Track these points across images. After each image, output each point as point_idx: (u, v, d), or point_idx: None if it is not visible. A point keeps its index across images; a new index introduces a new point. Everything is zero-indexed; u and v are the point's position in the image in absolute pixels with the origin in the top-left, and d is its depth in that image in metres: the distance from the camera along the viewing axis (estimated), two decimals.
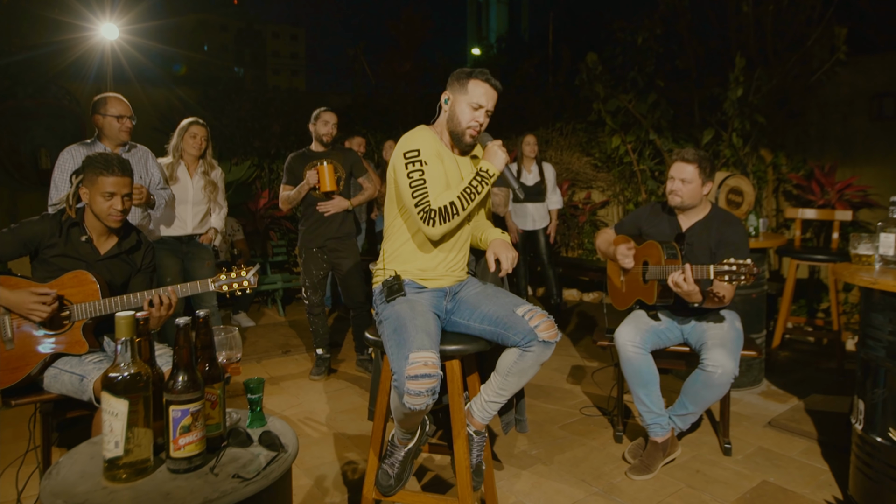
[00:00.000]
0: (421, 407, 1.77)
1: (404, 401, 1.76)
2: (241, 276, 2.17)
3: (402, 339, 1.84)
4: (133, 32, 5.78)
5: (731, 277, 2.25)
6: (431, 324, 1.93)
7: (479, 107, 2.03)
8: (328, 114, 3.81)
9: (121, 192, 2.20)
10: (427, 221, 1.96)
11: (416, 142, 2.01)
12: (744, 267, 2.23)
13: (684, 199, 2.68)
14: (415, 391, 1.74)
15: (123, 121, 3.10)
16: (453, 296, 2.14)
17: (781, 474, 2.65)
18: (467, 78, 2.04)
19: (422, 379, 1.74)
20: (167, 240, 3.64)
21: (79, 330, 2.15)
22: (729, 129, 4.99)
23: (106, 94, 3.14)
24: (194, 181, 3.70)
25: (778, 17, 4.81)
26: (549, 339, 1.94)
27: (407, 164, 1.98)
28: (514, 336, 1.96)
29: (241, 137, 6.89)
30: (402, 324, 1.90)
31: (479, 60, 17.44)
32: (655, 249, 2.68)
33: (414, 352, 1.78)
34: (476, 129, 2.06)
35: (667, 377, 3.69)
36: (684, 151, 2.70)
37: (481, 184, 2.00)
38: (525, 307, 1.99)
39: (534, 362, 1.98)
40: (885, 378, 2.18)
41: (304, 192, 3.73)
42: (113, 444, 1.32)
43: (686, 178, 2.65)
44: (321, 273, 3.85)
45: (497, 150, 2.05)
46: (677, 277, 2.42)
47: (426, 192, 1.95)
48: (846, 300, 4.68)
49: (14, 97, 5.94)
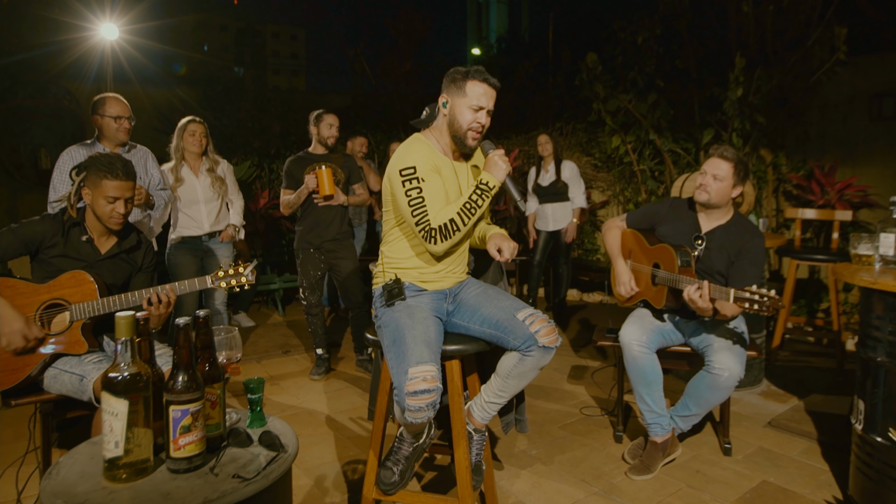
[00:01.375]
0: (422, 420, 1.79)
1: (406, 416, 1.78)
2: (239, 273, 2.18)
3: (401, 352, 1.84)
4: (133, 32, 5.77)
5: (751, 306, 2.11)
6: (432, 330, 1.92)
7: (480, 108, 1.99)
8: (331, 116, 3.79)
9: (124, 196, 2.21)
10: (429, 240, 1.94)
11: (411, 157, 1.97)
12: (768, 300, 2.06)
13: (711, 197, 2.57)
14: (415, 407, 1.75)
15: (122, 121, 3.10)
16: (454, 297, 2.14)
17: (781, 474, 2.65)
18: (464, 79, 1.99)
19: (421, 395, 1.74)
20: (188, 240, 3.69)
21: (78, 330, 2.15)
22: (729, 129, 5.00)
23: (105, 95, 3.13)
24: (201, 180, 3.71)
25: (778, 17, 4.82)
26: (549, 344, 1.94)
27: (404, 181, 1.94)
28: (514, 340, 1.95)
29: (241, 137, 6.89)
30: (402, 335, 1.89)
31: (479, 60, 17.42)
32: (669, 254, 2.60)
33: (413, 366, 1.77)
34: (478, 131, 2.02)
35: (668, 377, 3.68)
36: (723, 148, 2.58)
37: (481, 197, 1.97)
38: (526, 311, 1.98)
39: (533, 366, 1.98)
40: (885, 378, 2.18)
41: (303, 196, 3.73)
42: (113, 444, 1.32)
43: (719, 175, 2.54)
44: (318, 274, 3.85)
45: (498, 160, 2.01)
46: (694, 294, 2.33)
47: (425, 210, 1.93)
48: (846, 300, 4.68)
49: (14, 97, 5.94)
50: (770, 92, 4.83)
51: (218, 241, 3.82)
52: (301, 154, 3.86)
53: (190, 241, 3.74)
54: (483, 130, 2.05)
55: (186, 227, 3.75)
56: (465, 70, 2.02)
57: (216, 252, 3.81)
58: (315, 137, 3.81)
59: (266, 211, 6.17)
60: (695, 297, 2.32)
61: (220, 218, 3.81)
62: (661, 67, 5.67)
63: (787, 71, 4.80)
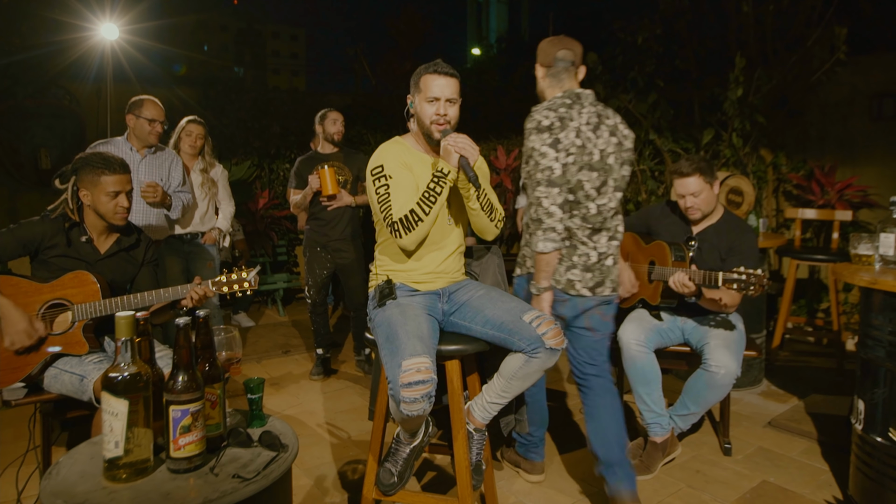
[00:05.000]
0: (418, 412, 1.78)
1: (401, 408, 1.77)
2: (241, 278, 2.18)
3: (395, 348, 1.84)
4: (133, 32, 5.77)
5: (739, 286, 2.24)
6: (424, 326, 1.93)
7: (436, 99, 1.99)
8: (335, 112, 3.80)
9: (124, 189, 2.21)
10: (394, 234, 1.97)
11: (380, 157, 2.03)
12: (753, 277, 2.21)
13: (704, 210, 2.66)
14: (410, 398, 1.74)
15: (155, 125, 3.22)
16: (449, 296, 2.13)
17: (781, 474, 2.65)
18: (419, 76, 2.04)
19: (416, 386, 1.74)
20: (169, 239, 3.65)
21: (79, 331, 2.15)
22: (729, 129, 4.99)
23: (143, 97, 3.25)
24: (192, 177, 3.71)
25: (778, 17, 4.81)
26: (556, 346, 1.93)
27: (374, 181, 2.01)
28: (520, 342, 1.94)
29: (241, 137, 6.89)
30: (394, 331, 1.90)
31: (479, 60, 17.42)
32: (663, 250, 2.67)
33: (406, 359, 1.78)
34: (440, 123, 2.00)
35: (667, 377, 3.68)
36: (679, 165, 2.64)
37: (438, 184, 1.95)
38: (532, 313, 1.98)
39: (538, 368, 1.97)
40: (885, 378, 2.18)
41: (309, 197, 3.73)
42: (113, 444, 1.32)
43: (694, 191, 2.62)
44: (324, 273, 3.85)
45: (448, 146, 1.94)
46: (680, 278, 2.43)
47: (390, 205, 1.96)
48: (846, 300, 4.67)
49: (14, 97, 5.93)
50: (770, 92, 4.83)
51: (201, 242, 3.76)
52: (310, 154, 3.88)
53: (171, 240, 3.65)
54: (450, 122, 2.00)
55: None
56: (421, 67, 2.06)
57: (201, 254, 3.75)
58: (321, 136, 3.82)
59: (266, 211, 6.18)
60: (680, 278, 2.41)
61: (206, 219, 3.77)
62: (661, 67, 5.66)
63: (787, 71, 4.80)
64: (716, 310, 2.61)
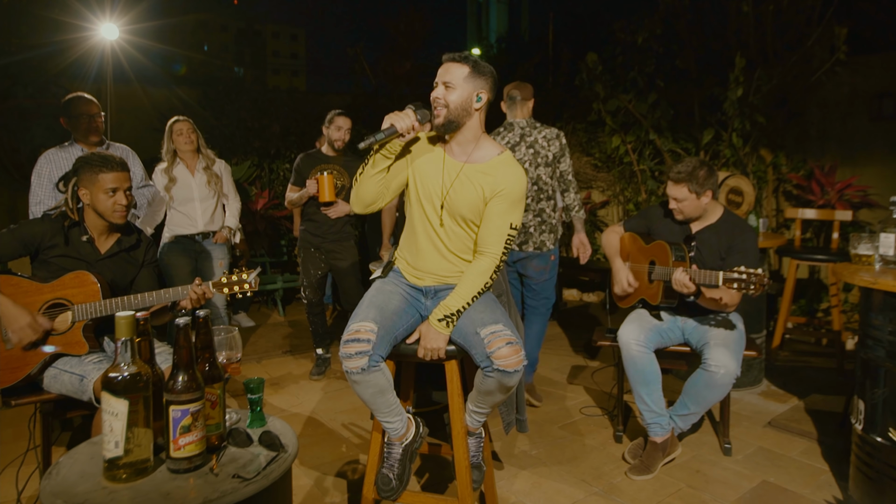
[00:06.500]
0: (356, 371, 1.83)
1: (344, 366, 1.86)
2: (241, 279, 2.18)
3: (355, 314, 1.96)
4: (133, 32, 5.77)
5: (739, 286, 2.24)
6: (391, 301, 2.01)
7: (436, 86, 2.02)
8: (342, 118, 3.74)
9: (122, 187, 2.22)
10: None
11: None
12: (754, 276, 2.22)
13: (686, 215, 2.70)
14: (345, 354, 1.85)
15: (87, 118, 3.04)
16: (435, 294, 2.11)
17: (781, 474, 2.65)
18: None
19: (351, 343, 1.85)
20: (180, 239, 3.66)
21: (79, 331, 2.15)
22: (729, 129, 4.99)
23: (70, 96, 3.08)
24: (197, 177, 3.70)
25: (778, 17, 4.81)
26: (507, 368, 1.81)
27: None
28: (476, 357, 1.91)
29: (241, 137, 6.88)
30: (363, 301, 2.02)
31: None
32: (663, 250, 2.67)
33: (355, 322, 1.90)
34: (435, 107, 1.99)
35: (667, 377, 3.68)
36: (676, 168, 2.66)
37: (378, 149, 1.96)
38: (490, 328, 1.87)
39: (496, 387, 1.89)
40: (885, 378, 2.18)
41: (304, 199, 3.72)
42: (113, 444, 1.32)
43: (679, 197, 2.66)
44: (319, 273, 3.85)
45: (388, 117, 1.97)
46: (680, 276, 2.44)
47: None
48: (846, 300, 4.67)
49: (14, 97, 5.93)
50: (770, 92, 4.83)
51: (212, 242, 3.78)
52: (312, 152, 3.86)
53: (183, 240, 3.68)
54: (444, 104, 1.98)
55: (179, 226, 3.70)
56: None
57: (211, 254, 3.77)
58: (326, 138, 3.81)
59: (266, 211, 6.17)
60: (681, 277, 2.44)
61: (216, 218, 3.78)
62: (661, 67, 5.66)
63: (787, 71, 4.80)
64: (716, 309, 2.61)
